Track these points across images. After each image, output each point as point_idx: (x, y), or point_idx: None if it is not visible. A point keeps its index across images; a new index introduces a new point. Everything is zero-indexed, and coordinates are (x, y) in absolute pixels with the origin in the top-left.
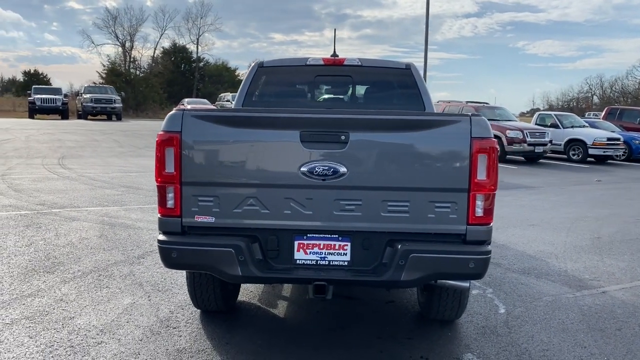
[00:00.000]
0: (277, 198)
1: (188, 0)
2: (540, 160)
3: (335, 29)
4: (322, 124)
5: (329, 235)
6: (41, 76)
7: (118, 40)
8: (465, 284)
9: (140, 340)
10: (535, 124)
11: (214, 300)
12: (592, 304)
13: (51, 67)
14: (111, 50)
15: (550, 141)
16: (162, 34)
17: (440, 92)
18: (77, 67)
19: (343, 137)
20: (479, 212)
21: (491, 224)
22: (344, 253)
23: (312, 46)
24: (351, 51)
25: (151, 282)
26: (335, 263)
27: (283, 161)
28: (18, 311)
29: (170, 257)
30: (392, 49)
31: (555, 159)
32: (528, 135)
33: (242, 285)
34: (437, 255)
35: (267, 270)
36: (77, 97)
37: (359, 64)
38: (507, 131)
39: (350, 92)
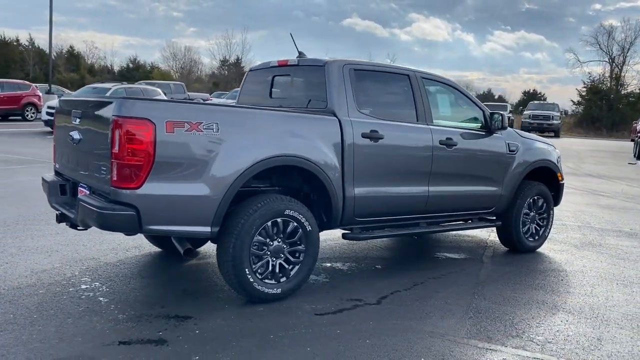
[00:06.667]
0: (67, 155)
1: None
2: None
3: (291, 33)
4: (76, 105)
5: (84, 185)
6: (539, 95)
7: (607, 56)
8: (180, 249)
9: (93, 258)
10: None
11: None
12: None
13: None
14: (595, 68)
15: None
16: None
17: None
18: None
19: (80, 114)
20: (115, 177)
21: (136, 191)
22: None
23: None
24: None
25: None
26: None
27: (68, 131)
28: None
29: None
30: None
31: None
32: None
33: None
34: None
35: (62, 204)
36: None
37: (297, 63)
38: None
39: (287, 88)
